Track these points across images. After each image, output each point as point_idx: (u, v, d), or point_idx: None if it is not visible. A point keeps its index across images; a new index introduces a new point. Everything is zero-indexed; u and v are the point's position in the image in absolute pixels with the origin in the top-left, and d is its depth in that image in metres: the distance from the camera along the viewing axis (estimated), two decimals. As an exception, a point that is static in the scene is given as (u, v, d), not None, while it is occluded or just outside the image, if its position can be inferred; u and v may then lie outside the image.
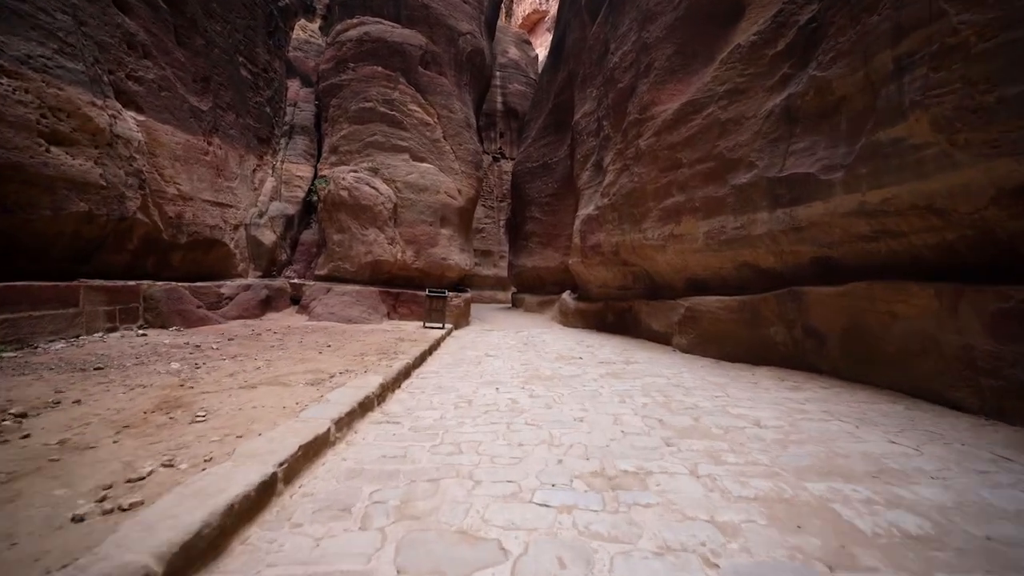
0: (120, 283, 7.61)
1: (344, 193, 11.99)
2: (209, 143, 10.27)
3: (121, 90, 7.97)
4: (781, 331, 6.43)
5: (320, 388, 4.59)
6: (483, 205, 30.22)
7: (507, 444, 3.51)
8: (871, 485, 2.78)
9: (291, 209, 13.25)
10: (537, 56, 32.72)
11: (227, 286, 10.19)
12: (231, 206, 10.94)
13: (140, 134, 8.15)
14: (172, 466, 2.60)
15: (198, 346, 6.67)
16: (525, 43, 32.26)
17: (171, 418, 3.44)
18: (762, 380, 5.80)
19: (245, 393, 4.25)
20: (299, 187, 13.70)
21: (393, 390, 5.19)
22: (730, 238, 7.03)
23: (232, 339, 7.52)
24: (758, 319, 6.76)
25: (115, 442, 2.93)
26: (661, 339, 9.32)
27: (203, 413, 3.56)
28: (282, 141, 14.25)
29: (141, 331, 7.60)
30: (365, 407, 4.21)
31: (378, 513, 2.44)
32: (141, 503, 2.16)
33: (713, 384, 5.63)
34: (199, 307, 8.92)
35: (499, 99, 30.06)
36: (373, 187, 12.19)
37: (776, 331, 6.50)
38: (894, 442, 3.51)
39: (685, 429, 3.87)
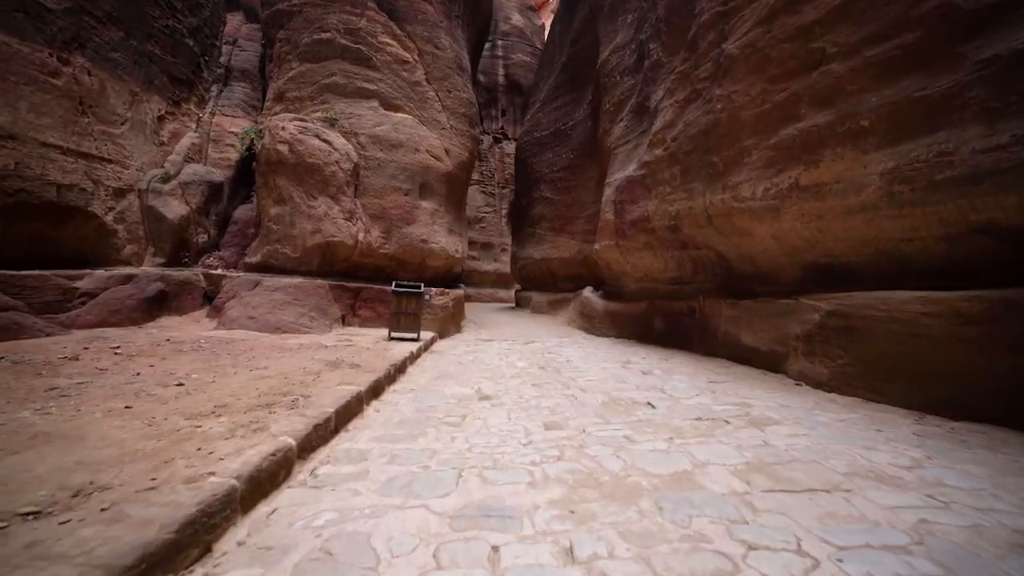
0: None
1: (283, 148, 8.51)
2: (64, 61, 6.79)
3: None
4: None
5: None
6: (483, 192, 26.77)
7: None
8: None
9: (218, 175, 9.77)
10: (543, 25, 29.17)
11: (90, 277, 6.73)
12: (109, 161, 7.47)
13: None
14: None
15: None
16: (530, 9, 28.74)
17: None
18: None
19: None
20: (233, 146, 10.22)
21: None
22: (964, 175, 3.51)
23: None
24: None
25: None
26: (759, 361, 5.83)
27: None
28: (214, 88, 10.77)
29: None
30: None
31: None
32: None
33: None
34: (12, 309, 5.46)
35: (501, 71, 26.56)
36: (325, 140, 8.70)
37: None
38: None
39: None
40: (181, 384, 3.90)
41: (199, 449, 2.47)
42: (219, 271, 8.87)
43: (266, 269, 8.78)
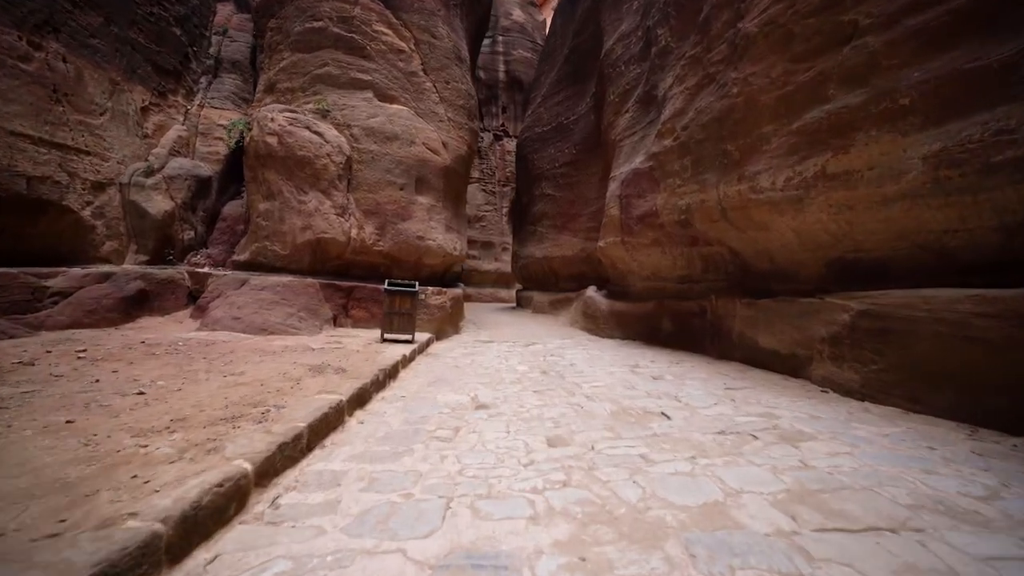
0: None
1: (272, 140, 8.11)
2: (36, 46, 6.40)
3: None
4: None
5: None
6: (483, 190, 26.34)
7: None
8: None
9: (206, 169, 9.37)
10: (545, 21, 28.73)
11: (64, 275, 6.33)
12: (86, 152, 7.07)
13: None
14: None
15: None
16: (531, 4, 28.31)
17: None
18: None
19: None
20: (222, 139, 9.82)
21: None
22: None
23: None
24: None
25: None
26: (778, 364, 5.40)
27: None
28: (203, 80, 10.37)
29: None
30: None
31: None
32: None
33: None
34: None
35: (501, 67, 26.13)
36: (316, 132, 8.29)
37: None
38: None
39: None
40: (142, 393, 3.49)
41: (134, 477, 2.05)
42: (206, 269, 8.46)
43: (255, 267, 8.37)
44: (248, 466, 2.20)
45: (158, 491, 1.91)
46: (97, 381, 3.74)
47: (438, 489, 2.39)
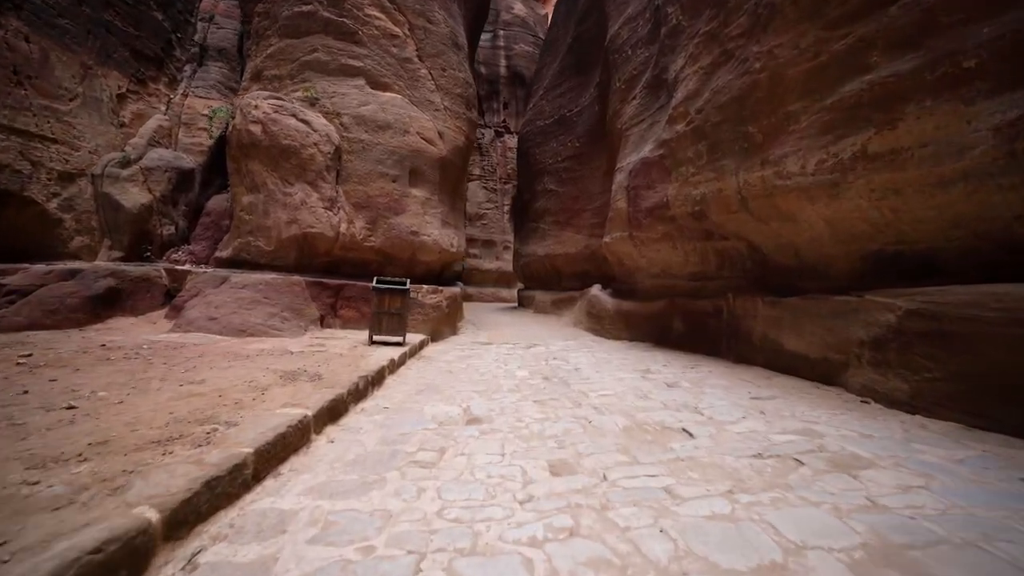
0: None
1: (256, 129, 7.59)
2: (-6, 23, 5.89)
3: None
4: None
5: None
6: (484, 187, 25.83)
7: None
8: None
9: (189, 161, 8.86)
10: (547, 15, 28.19)
11: (24, 272, 5.82)
12: (53, 140, 6.57)
13: None
14: None
15: None
16: (533, -1, 27.75)
17: None
18: None
19: None
20: (206, 130, 9.31)
21: None
22: None
23: None
24: None
25: None
26: (807, 370, 4.84)
27: None
28: (187, 68, 9.87)
29: None
30: None
31: None
32: None
33: None
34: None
35: (503, 62, 25.61)
36: (303, 120, 7.77)
37: None
38: None
39: None
40: (72, 407, 2.96)
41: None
42: (186, 267, 7.95)
43: (238, 264, 7.85)
44: (153, 515, 1.67)
45: (7, 562, 1.37)
46: (25, 392, 3.21)
47: (408, 540, 1.85)
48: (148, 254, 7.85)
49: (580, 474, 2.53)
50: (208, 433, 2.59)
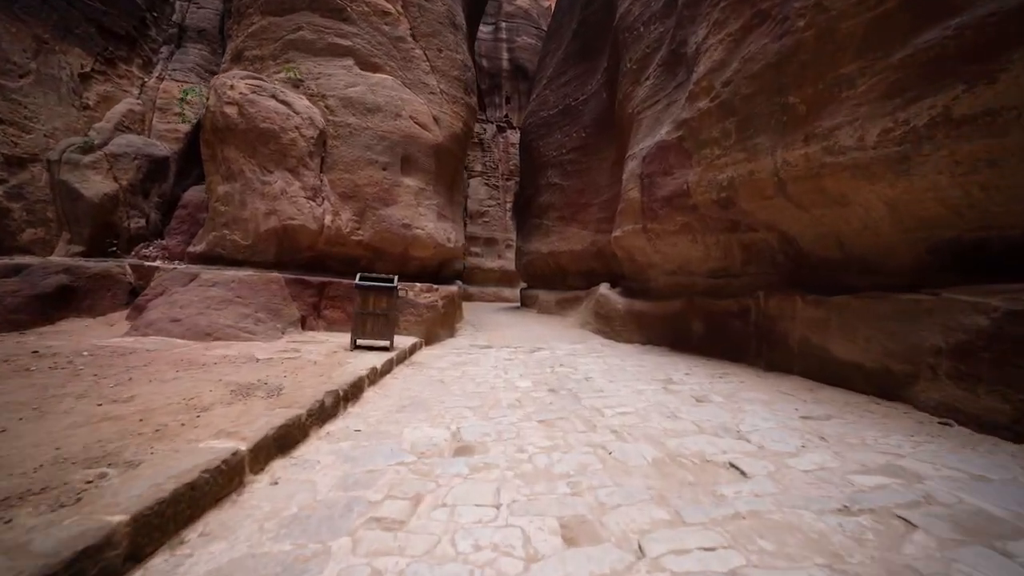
0: None
1: (231, 111, 6.87)
2: (-74, -14, 5.19)
3: None
4: None
5: None
6: (486, 184, 25.09)
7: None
8: None
9: (162, 148, 8.16)
10: (550, 6, 27.44)
11: (-41, 267, 5.12)
12: (3, 122, 5.87)
13: None
14: None
15: None
16: (536, -11, 26.99)
17: None
18: None
19: None
20: (181, 114, 8.61)
21: None
22: None
23: None
24: None
25: None
26: (861, 382, 4.08)
27: None
28: (164, 50, 9.18)
29: None
30: None
31: None
32: None
33: None
34: None
35: (505, 55, 24.88)
36: (283, 101, 7.06)
37: None
38: None
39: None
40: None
41: None
42: (156, 263, 7.25)
43: (212, 260, 7.15)
44: None
45: None
46: None
47: None
48: (113, 249, 7.15)
49: (605, 542, 1.80)
50: (88, 483, 1.88)
